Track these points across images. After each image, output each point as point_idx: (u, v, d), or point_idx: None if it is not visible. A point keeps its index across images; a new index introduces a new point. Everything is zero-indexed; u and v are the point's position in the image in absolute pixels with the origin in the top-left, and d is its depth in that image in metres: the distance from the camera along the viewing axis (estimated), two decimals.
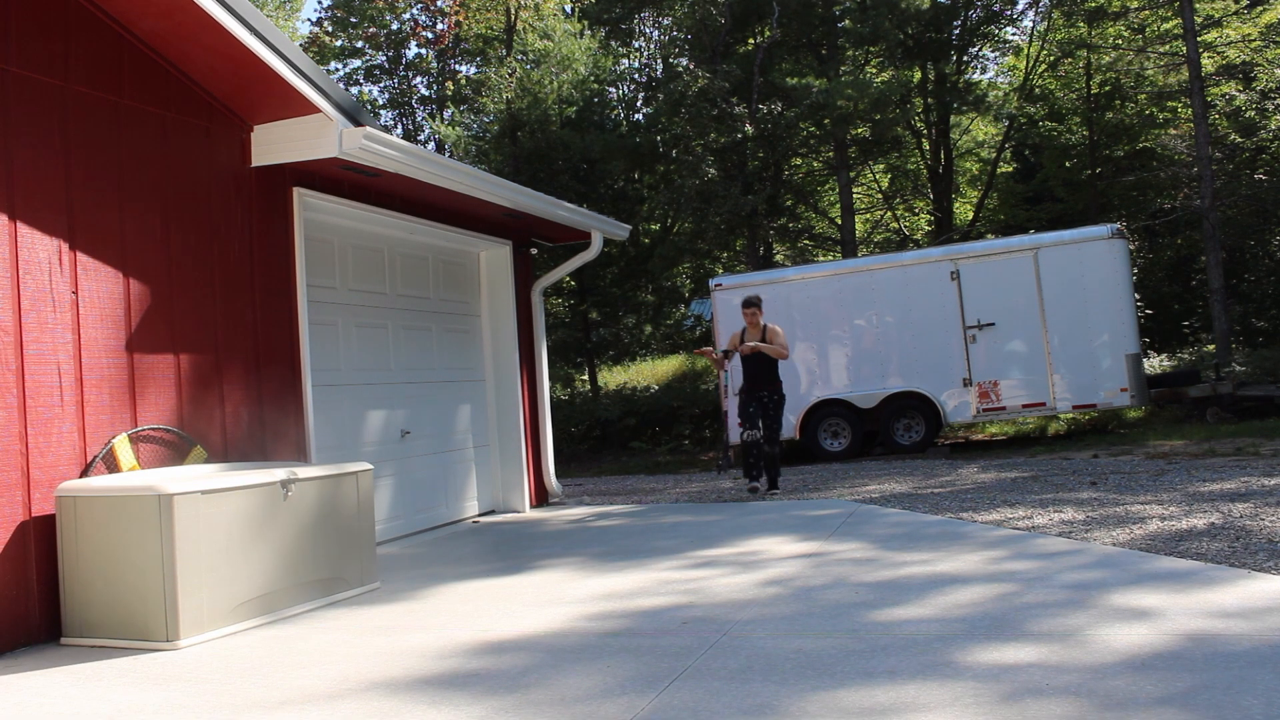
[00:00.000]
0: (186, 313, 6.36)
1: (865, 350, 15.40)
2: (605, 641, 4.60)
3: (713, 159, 22.61)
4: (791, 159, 25.68)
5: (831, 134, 23.52)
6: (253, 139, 6.95)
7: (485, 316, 10.29)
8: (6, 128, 5.38)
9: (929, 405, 14.88)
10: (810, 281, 16.08)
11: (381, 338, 8.73)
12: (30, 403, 5.37)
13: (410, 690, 4.02)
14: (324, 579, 5.85)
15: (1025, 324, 14.45)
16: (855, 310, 15.45)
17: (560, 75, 24.86)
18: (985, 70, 28.58)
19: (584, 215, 10.23)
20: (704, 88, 21.67)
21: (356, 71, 30.73)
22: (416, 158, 7.42)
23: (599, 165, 23.03)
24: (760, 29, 24.25)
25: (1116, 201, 25.01)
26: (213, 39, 6.04)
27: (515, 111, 24.09)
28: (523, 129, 23.55)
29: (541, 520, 9.35)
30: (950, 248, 15.86)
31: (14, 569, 5.20)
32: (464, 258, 10.11)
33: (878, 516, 7.90)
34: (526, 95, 24.29)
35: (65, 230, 5.64)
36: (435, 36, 29.81)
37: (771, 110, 22.77)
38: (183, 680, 4.39)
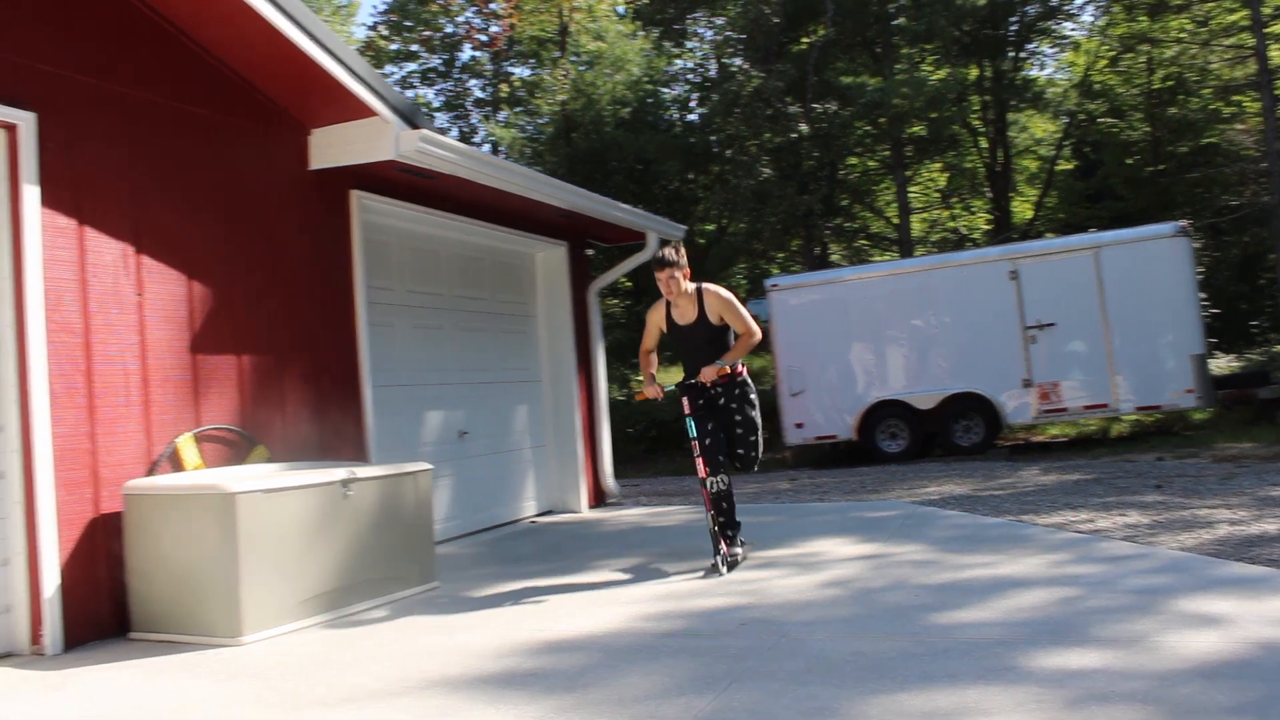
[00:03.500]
0: (247, 314, 6.45)
1: (923, 351, 15.27)
2: (663, 642, 4.60)
3: (768, 159, 22.53)
4: (847, 158, 25.52)
5: (887, 133, 23.34)
6: (311, 142, 7.03)
7: (541, 317, 10.33)
8: (75, 135, 5.50)
9: (988, 406, 14.72)
10: (867, 282, 15.98)
11: (439, 339, 8.79)
12: (98, 402, 5.48)
13: (469, 689, 4.04)
14: (384, 578, 5.91)
15: (1086, 324, 14.23)
16: (913, 310, 15.32)
17: (614, 76, 24.91)
18: (1043, 67, 28.20)
19: (639, 216, 10.23)
20: (758, 87, 21.61)
21: (412, 75, 31.01)
22: (472, 159, 7.47)
23: (653, 166, 23.04)
24: (814, 28, 24.12)
25: (1180, 199, 24.53)
26: (272, 45, 6.11)
27: (569, 113, 24.18)
28: (577, 130, 23.63)
29: (599, 520, 9.36)
30: (1009, 247, 15.68)
31: (84, 565, 5.30)
32: (520, 259, 10.15)
33: (937, 518, 7.82)
34: (580, 96, 24.37)
35: (130, 233, 5.74)
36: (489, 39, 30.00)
37: (826, 109, 22.64)
38: (245, 676, 4.45)
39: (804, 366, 15.74)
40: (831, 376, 15.66)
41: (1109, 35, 25.26)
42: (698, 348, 6.55)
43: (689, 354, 6.66)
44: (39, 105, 5.28)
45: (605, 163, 22.59)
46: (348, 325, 7.26)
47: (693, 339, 6.56)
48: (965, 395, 14.84)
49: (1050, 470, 11.30)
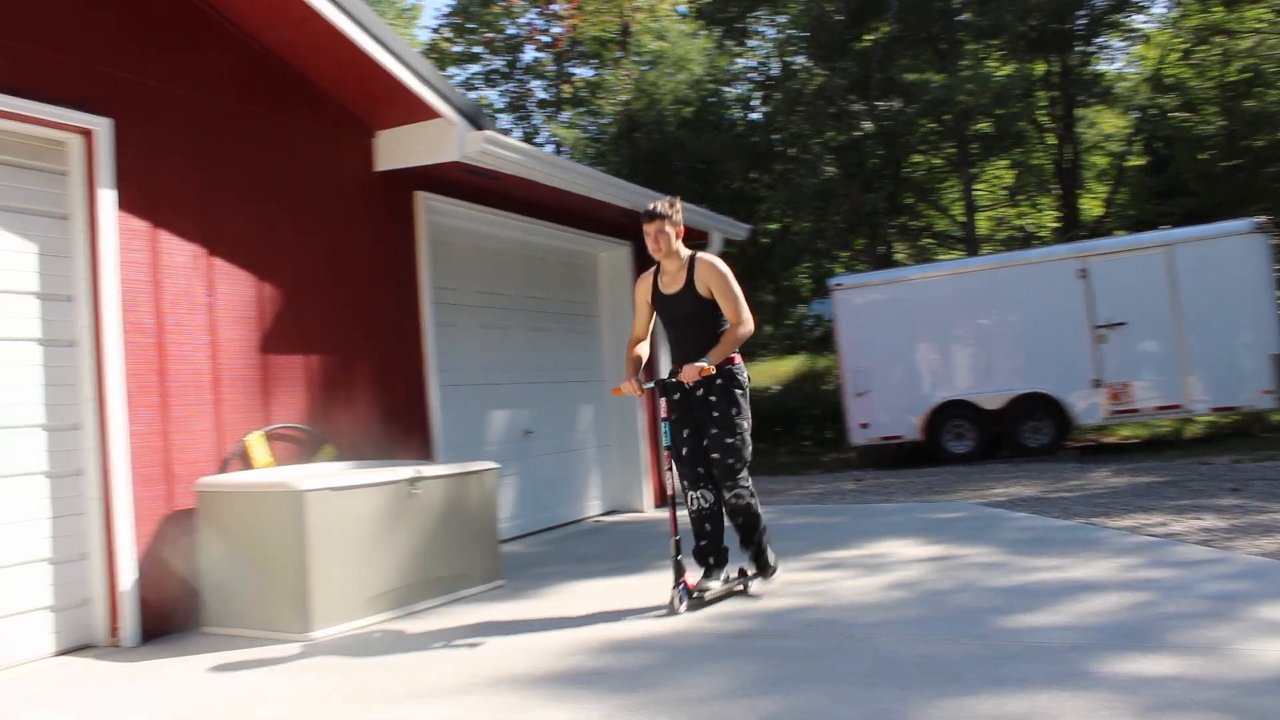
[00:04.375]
0: (315, 314, 6.55)
1: (989, 351, 15.06)
2: (728, 642, 4.58)
3: (831, 157, 22.38)
4: (911, 156, 25.25)
5: (952, 130, 23.06)
6: (377, 144, 7.11)
7: (605, 317, 10.35)
8: (148, 139, 5.61)
9: (1056, 407, 14.47)
10: (933, 281, 15.81)
11: (503, 338, 8.85)
12: (171, 401, 5.59)
13: (534, 686, 4.06)
14: (450, 575, 5.95)
15: (1158, 323, 13.93)
16: (979, 310, 15.13)
17: (676, 76, 24.89)
18: (1112, 61, 27.64)
19: (702, 215, 10.21)
20: (821, 85, 21.47)
21: (475, 76, 31.24)
22: (536, 160, 7.51)
23: (716, 165, 22.98)
24: (877, 25, 23.90)
25: (1257, 194, 23.90)
26: (338, 49, 6.20)
27: (632, 112, 24.20)
28: (639, 130, 23.64)
29: (663, 520, 9.31)
30: (1078, 245, 15.41)
31: (159, 560, 5.41)
32: (583, 259, 10.19)
33: (1005, 520, 7.71)
34: (642, 96, 24.38)
35: (201, 236, 5.85)
36: (552, 40, 30.13)
37: (890, 107, 22.43)
38: (315, 671, 4.51)
39: (869, 366, 15.61)
40: (897, 376, 15.51)
41: (1181, 27, 24.70)
42: (680, 325, 5.59)
43: (672, 333, 5.71)
44: (115, 111, 5.40)
45: (668, 162, 22.57)
46: (413, 325, 7.34)
47: (676, 312, 5.58)
48: (1033, 396, 14.61)
49: (1121, 472, 11.08)
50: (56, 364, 5.22)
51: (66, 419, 5.23)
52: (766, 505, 10.02)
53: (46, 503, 5.11)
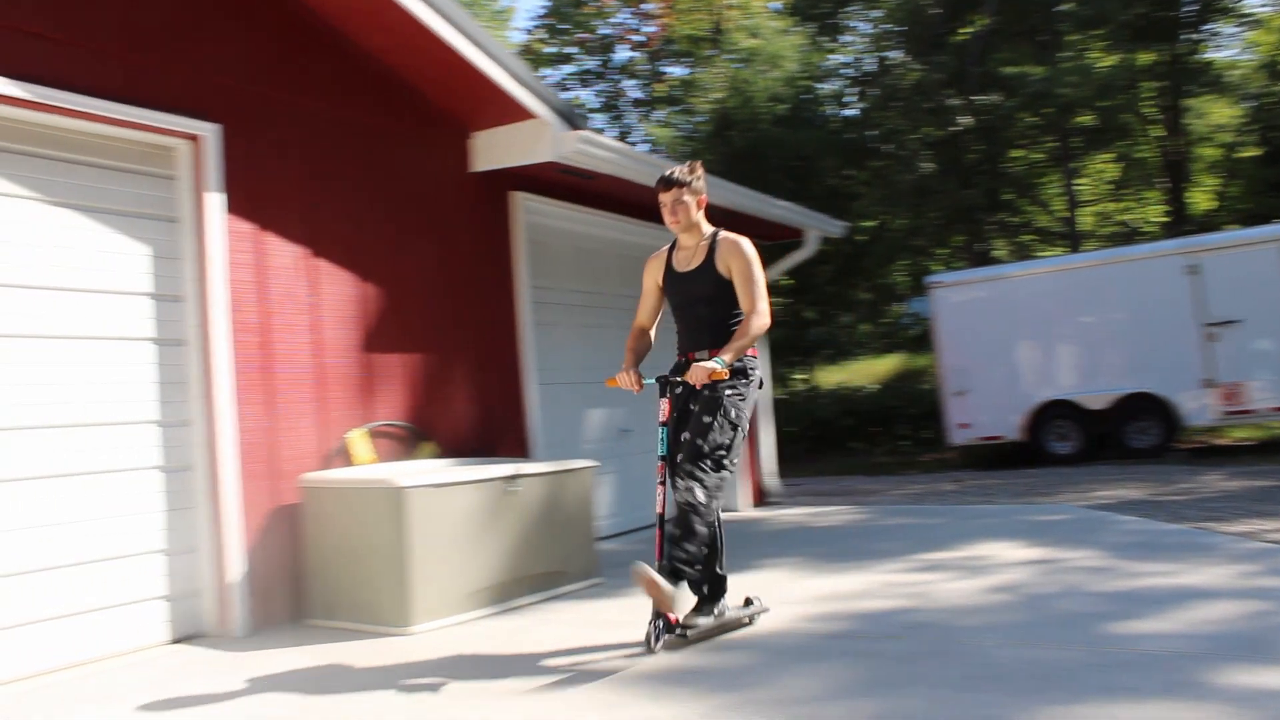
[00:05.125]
0: (415, 314, 6.65)
1: (1093, 349, 14.69)
2: (827, 643, 4.53)
3: (928, 153, 22.04)
4: (1011, 151, 24.73)
5: (1054, 123, 22.51)
6: (473, 145, 7.19)
7: None
8: (253, 143, 5.76)
9: (1164, 407, 14.04)
10: (1034, 278, 15.48)
11: (600, 336, 8.88)
12: (276, 399, 5.73)
13: (633, 684, 4.06)
14: (547, 573, 5.99)
15: (1276, 320, 13.42)
16: (1082, 307, 14.76)
17: (769, 73, 24.75)
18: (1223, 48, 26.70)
19: (797, 213, 10.13)
20: (918, 80, 21.15)
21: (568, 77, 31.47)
22: (630, 159, 7.52)
23: (811, 162, 22.80)
24: (975, 18, 23.46)
25: None
26: (436, 51, 6.28)
27: (725, 110, 24.12)
28: (733, 127, 23.56)
29: (760, 520, 9.31)
30: (1187, 240, 14.92)
31: (264, 553, 5.55)
32: None
33: (1111, 523, 7.50)
34: (736, 94, 24.29)
35: (305, 237, 5.98)
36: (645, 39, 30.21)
37: (989, 101, 21.99)
38: (415, 664, 4.57)
39: (968, 365, 15.34)
40: (997, 375, 15.22)
41: None
42: (692, 309, 4.91)
43: (681, 317, 5.02)
44: (222, 117, 5.55)
45: (762, 160, 22.44)
46: (511, 324, 7.41)
47: (689, 293, 4.90)
48: (1139, 395, 14.20)
49: (1235, 475, 10.70)
50: (168, 362, 5.39)
51: (177, 416, 5.39)
52: (865, 505, 9.96)
53: (161, 496, 5.28)
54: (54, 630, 4.78)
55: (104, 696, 4.30)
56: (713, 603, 4.86)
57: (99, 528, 5.00)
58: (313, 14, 6.13)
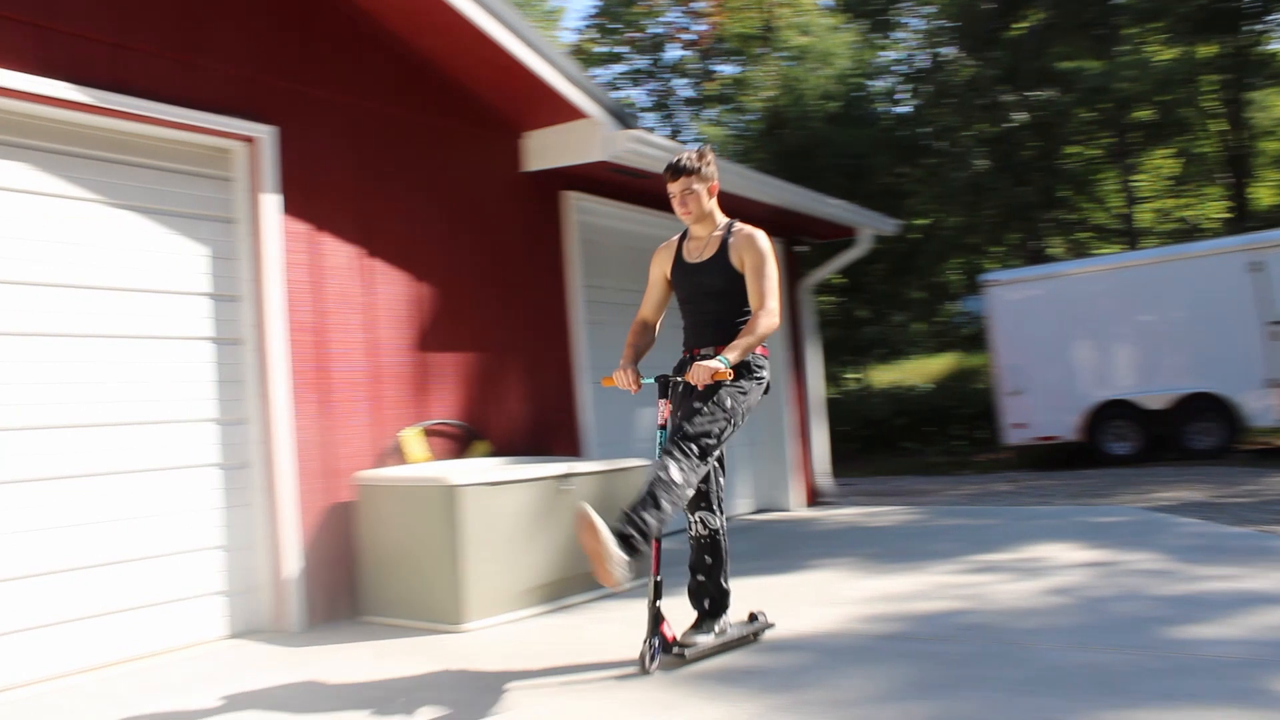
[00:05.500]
0: (467, 313, 6.68)
1: (1152, 348, 14.45)
2: (881, 644, 4.49)
3: (982, 150, 21.80)
4: (1066, 147, 24.38)
5: (1111, 119, 22.16)
6: (524, 145, 7.22)
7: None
8: (309, 145, 5.82)
9: (1225, 407, 13.77)
10: (1091, 276, 15.26)
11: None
12: (332, 397, 5.79)
13: (686, 684, 4.05)
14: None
15: None
16: (1140, 306, 14.52)
17: (821, 70, 24.62)
18: None
19: (849, 211, 10.07)
20: (972, 76, 20.93)
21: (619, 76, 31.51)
22: None
23: (863, 160, 22.65)
24: (1030, 12, 23.15)
25: None
26: (486, 52, 6.31)
27: (777, 108, 24.03)
28: (785, 126, 23.47)
29: (812, 520, 9.26)
30: (1250, 236, 14.62)
31: (319, 550, 5.61)
32: None
33: (1171, 526, 7.37)
34: (787, 92, 24.19)
35: (359, 236, 6.04)
36: (695, 38, 30.18)
37: (1044, 96, 21.70)
38: (468, 661, 4.60)
39: (1024, 364, 15.16)
40: (1053, 375, 15.02)
41: None
42: (700, 302, 4.62)
43: (688, 312, 4.72)
44: (278, 119, 5.62)
45: (814, 158, 22.33)
46: (563, 323, 7.43)
47: (698, 286, 4.61)
48: (1200, 396, 13.94)
49: None
50: (225, 361, 5.46)
51: (234, 414, 5.47)
52: (919, 506, 9.87)
53: (219, 493, 5.36)
54: (117, 623, 4.87)
55: (169, 687, 4.37)
56: (714, 619, 4.59)
57: (159, 523, 5.08)
58: (367, 16, 6.19)
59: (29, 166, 4.78)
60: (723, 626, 4.58)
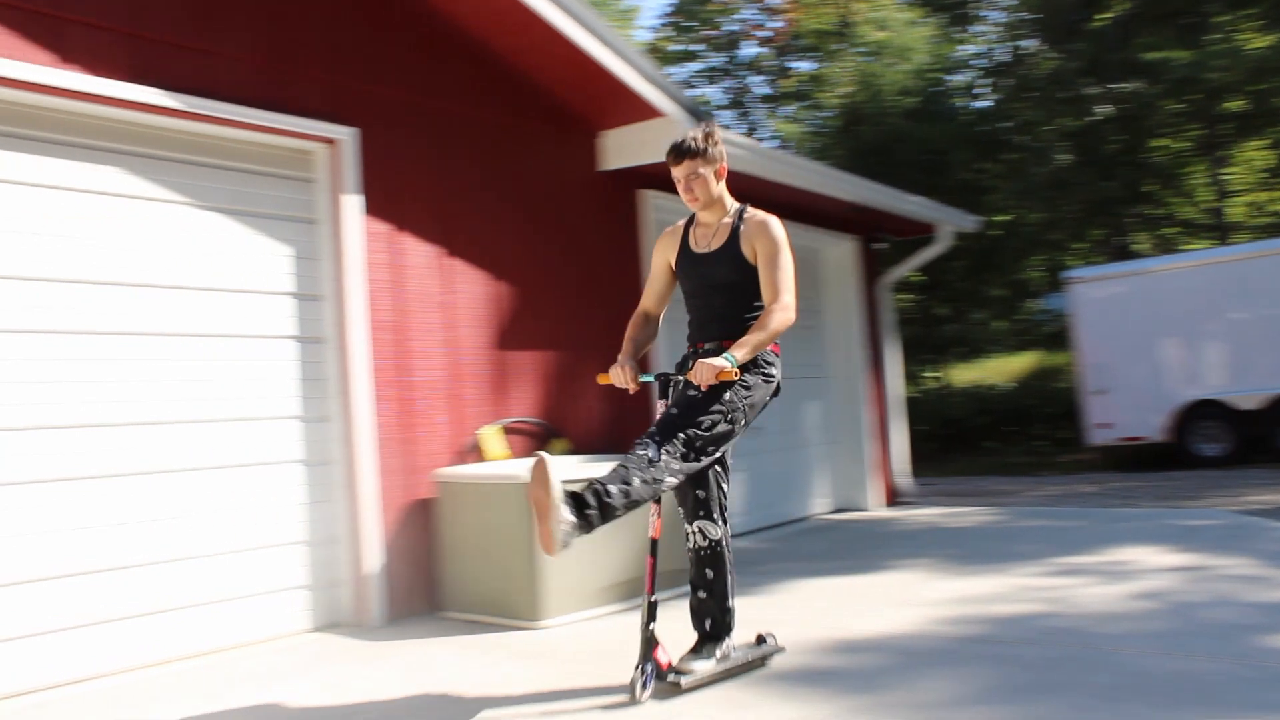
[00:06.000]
0: (546, 312, 6.72)
1: (1244, 347, 14.03)
2: (961, 646, 4.43)
3: (1066, 144, 21.36)
4: (1153, 140, 23.78)
5: (1200, 110, 21.56)
6: (600, 144, 7.23)
7: (830, 313, 10.23)
8: (389, 146, 5.90)
9: None
10: (1180, 272, 14.87)
11: None
12: (413, 395, 5.86)
13: (761, 683, 4.03)
14: (677, 569, 5.97)
15: None
16: (1232, 302, 14.12)
17: (899, 65, 24.34)
18: None
19: (928, 208, 9.95)
20: (1054, 69, 20.52)
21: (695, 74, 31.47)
22: (759, 155, 7.47)
23: (942, 156, 22.33)
24: (1114, 2, 22.62)
25: None
26: (563, 52, 6.33)
27: (854, 105, 23.82)
28: (862, 122, 23.25)
29: (891, 520, 9.16)
30: None
31: (400, 546, 5.68)
32: (807, 254, 10.08)
33: (1266, 530, 7.15)
34: (865, 88, 23.96)
35: (439, 236, 6.10)
36: (771, 34, 30.04)
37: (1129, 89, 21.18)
38: (547, 658, 4.62)
39: (1109, 363, 14.83)
40: (1139, 374, 14.67)
41: None
42: (708, 296, 4.22)
43: (695, 305, 4.32)
44: (358, 121, 5.70)
45: (891, 154, 22.08)
46: None
47: (706, 278, 4.22)
48: None
49: None
50: (308, 360, 5.56)
51: (317, 412, 5.56)
52: (1000, 507, 9.71)
53: (303, 489, 5.46)
54: (206, 615, 4.99)
55: (254, 677, 4.46)
56: (715, 642, 4.17)
57: (245, 518, 5.20)
58: (445, 18, 6.24)
59: (122, 171, 4.91)
60: (725, 650, 4.17)
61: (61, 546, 4.54)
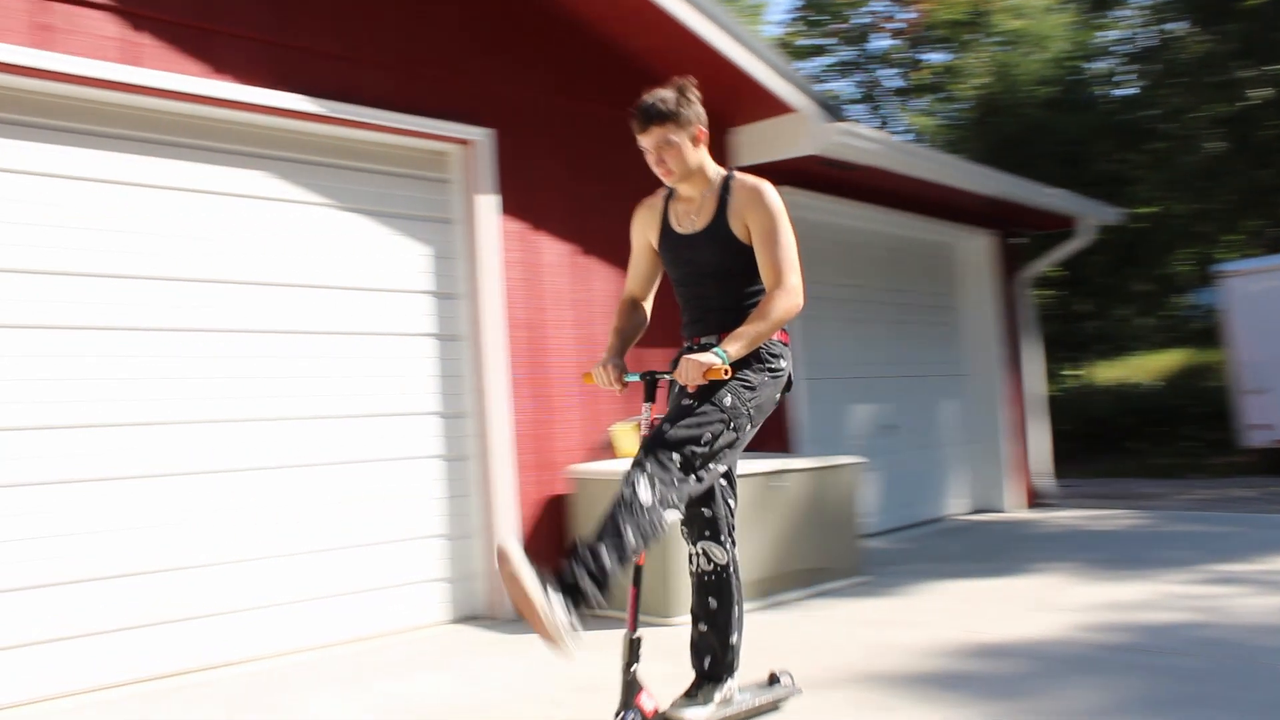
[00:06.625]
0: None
1: None
2: (1106, 655, 4.27)
3: (1217, 131, 20.44)
4: None
5: None
6: (731, 141, 7.20)
7: (966, 309, 10.02)
8: (523, 147, 5.98)
9: None
10: None
11: (863, 331, 8.80)
12: (549, 391, 5.94)
13: (899, 686, 3.96)
14: (811, 569, 5.94)
15: None
16: None
17: (1036, 54, 23.66)
18: None
19: (1068, 200, 9.69)
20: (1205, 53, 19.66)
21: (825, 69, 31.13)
22: (893, 149, 7.37)
23: (1082, 146, 21.61)
24: None
25: None
26: (693, 49, 6.29)
27: (989, 96, 23.24)
28: (998, 114, 22.66)
29: (1030, 521, 8.92)
30: None
31: (536, 541, 5.76)
32: (941, 249, 9.90)
33: None
34: (1001, 79, 23.36)
35: (573, 234, 6.16)
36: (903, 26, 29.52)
37: None
38: (679, 655, 4.61)
39: (1266, 361, 14.13)
40: None
41: None
42: (698, 283, 3.63)
43: (685, 295, 3.72)
44: (493, 121, 5.79)
45: (1029, 146, 21.45)
46: None
47: (693, 264, 3.61)
48: None
49: None
50: (446, 357, 5.68)
51: (454, 408, 5.68)
52: (1147, 510, 9.37)
53: (442, 483, 5.59)
54: (348, 604, 5.15)
55: (393, 666, 4.59)
56: (714, 684, 3.57)
57: (387, 511, 5.34)
58: (576, 17, 6.29)
59: (267, 175, 5.10)
60: (727, 694, 3.55)
61: (227, 533, 4.76)
